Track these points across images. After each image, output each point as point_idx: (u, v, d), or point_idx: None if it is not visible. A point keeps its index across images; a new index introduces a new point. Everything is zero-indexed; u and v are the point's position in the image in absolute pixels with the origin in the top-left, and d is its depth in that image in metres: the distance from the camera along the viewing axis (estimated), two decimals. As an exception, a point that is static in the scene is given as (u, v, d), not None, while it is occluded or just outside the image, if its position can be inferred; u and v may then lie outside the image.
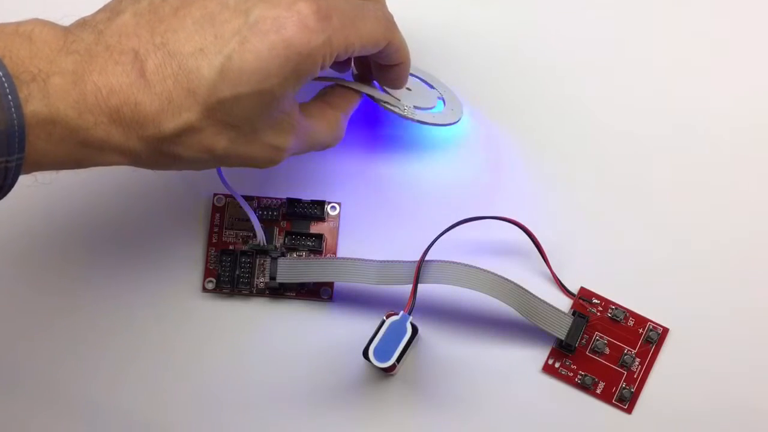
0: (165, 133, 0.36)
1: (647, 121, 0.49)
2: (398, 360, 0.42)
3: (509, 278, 0.44)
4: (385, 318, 0.42)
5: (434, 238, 0.44)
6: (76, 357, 0.48)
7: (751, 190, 0.48)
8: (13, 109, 0.32)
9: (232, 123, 0.37)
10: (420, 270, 0.44)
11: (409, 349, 0.43)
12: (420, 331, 0.46)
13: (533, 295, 0.45)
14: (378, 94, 0.45)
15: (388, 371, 0.44)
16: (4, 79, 0.32)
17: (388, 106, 0.45)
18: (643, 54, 0.50)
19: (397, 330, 0.42)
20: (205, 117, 0.36)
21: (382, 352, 0.42)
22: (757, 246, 0.48)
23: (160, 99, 0.35)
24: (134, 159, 0.37)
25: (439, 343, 0.47)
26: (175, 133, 0.36)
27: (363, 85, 0.45)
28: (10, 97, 0.32)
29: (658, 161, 0.49)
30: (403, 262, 0.45)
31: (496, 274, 0.44)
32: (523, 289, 0.45)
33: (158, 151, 0.36)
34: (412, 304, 0.43)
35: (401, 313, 0.43)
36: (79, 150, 0.35)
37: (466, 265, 0.44)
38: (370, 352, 0.42)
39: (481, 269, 0.44)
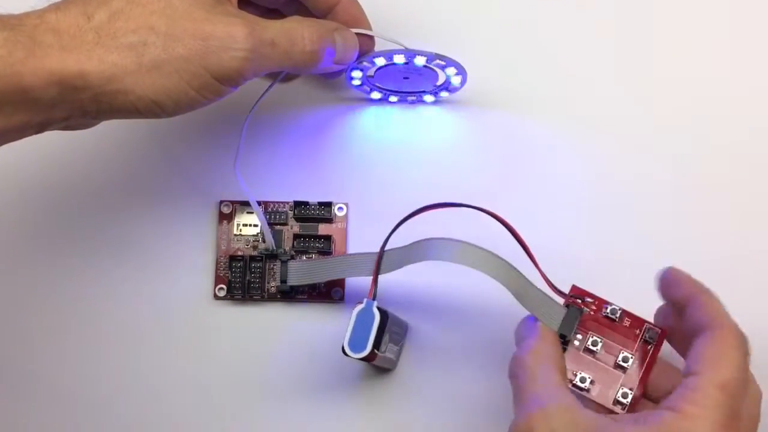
0: (96, 20, 0.36)
1: (645, 120, 0.49)
2: (377, 348, 0.41)
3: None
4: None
5: (397, 222, 0.42)
6: (88, 364, 0.48)
7: (749, 191, 0.48)
8: None
9: None
10: (381, 258, 0.42)
11: (385, 335, 0.42)
12: (420, 330, 0.45)
13: (529, 282, 0.42)
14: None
15: (370, 360, 0.42)
16: None
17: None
18: (643, 54, 0.50)
19: (365, 318, 0.41)
20: None
21: (357, 343, 0.41)
22: (756, 246, 0.48)
23: None
24: (79, 61, 0.36)
25: (439, 343, 0.47)
26: (106, 17, 0.36)
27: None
28: None
29: (657, 161, 0.49)
30: (395, 249, 0.43)
31: (494, 254, 0.42)
32: (520, 273, 0.42)
33: (102, 46, 0.36)
34: (375, 290, 0.42)
35: (365, 300, 0.42)
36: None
37: (462, 242, 0.42)
38: (345, 346, 0.41)
39: (478, 247, 0.41)
